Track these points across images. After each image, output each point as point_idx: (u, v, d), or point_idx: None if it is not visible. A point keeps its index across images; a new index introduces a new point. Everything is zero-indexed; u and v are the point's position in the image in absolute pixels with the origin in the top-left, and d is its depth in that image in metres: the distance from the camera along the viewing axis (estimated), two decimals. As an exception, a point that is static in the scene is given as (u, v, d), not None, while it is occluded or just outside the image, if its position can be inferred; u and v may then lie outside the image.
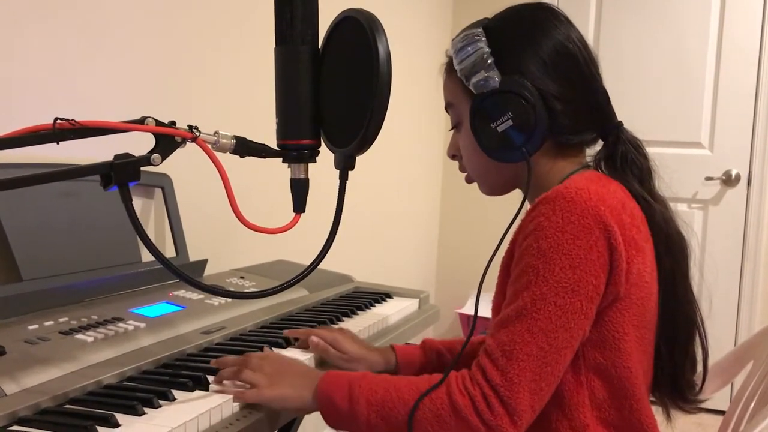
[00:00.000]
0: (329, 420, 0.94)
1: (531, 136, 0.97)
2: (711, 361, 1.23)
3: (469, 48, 0.99)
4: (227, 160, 0.89)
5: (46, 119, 0.79)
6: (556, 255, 0.88)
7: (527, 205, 1.00)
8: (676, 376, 1.04)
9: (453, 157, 1.12)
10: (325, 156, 0.96)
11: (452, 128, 1.10)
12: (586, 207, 0.89)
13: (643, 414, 0.97)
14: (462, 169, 1.11)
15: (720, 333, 2.91)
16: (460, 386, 0.89)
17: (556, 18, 1.02)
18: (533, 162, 0.99)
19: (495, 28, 1.01)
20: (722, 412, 1.10)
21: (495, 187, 1.09)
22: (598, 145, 1.06)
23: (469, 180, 1.11)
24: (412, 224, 3.16)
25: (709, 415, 2.21)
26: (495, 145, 0.99)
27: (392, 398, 0.91)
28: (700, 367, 1.06)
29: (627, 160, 1.02)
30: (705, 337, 1.05)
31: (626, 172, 1.02)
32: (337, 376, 0.96)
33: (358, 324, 1.36)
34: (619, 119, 1.05)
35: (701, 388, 1.06)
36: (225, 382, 0.96)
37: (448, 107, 1.08)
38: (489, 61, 0.97)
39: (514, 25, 1.03)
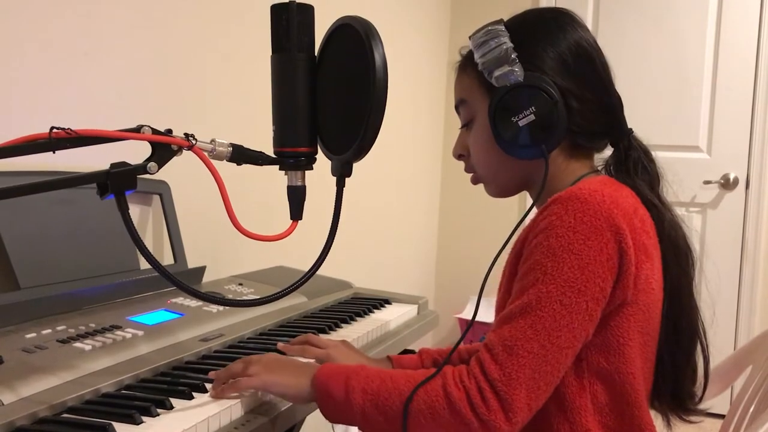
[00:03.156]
0: (325, 410, 0.94)
1: (551, 132, 0.97)
2: (711, 365, 1.23)
3: (492, 42, 0.99)
4: (224, 167, 0.89)
5: (42, 126, 0.79)
6: (566, 254, 0.88)
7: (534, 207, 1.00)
8: (677, 386, 1.04)
9: (459, 157, 1.11)
10: (323, 162, 0.96)
11: (462, 126, 1.09)
12: (599, 209, 0.89)
13: (644, 421, 0.97)
14: (468, 169, 1.10)
15: (719, 337, 2.90)
16: (456, 379, 0.88)
17: (575, 22, 1.03)
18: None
19: (516, 26, 1.02)
20: (722, 416, 1.09)
21: (504, 188, 1.08)
22: (607, 151, 1.07)
23: (475, 181, 1.10)
24: (410, 230, 3.16)
25: (709, 419, 2.21)
26: (514, 139, 0.98)
27: (387, 388, 0.90)
28: (701, 377, 1.06)
29: (638, 167, 1.02)
30: (707, 347, 1.05)
31: (637, 178, 1.02)
32: (335, 367, 0.96)
33: (357, 330, 1.36)
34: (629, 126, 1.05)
35: (701, 397, 1.06)
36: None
37: (460, 105, 1.08)
38: (513, 56, 0.98)
39: (535, 24, 1.03)
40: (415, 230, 3.22)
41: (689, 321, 1.03)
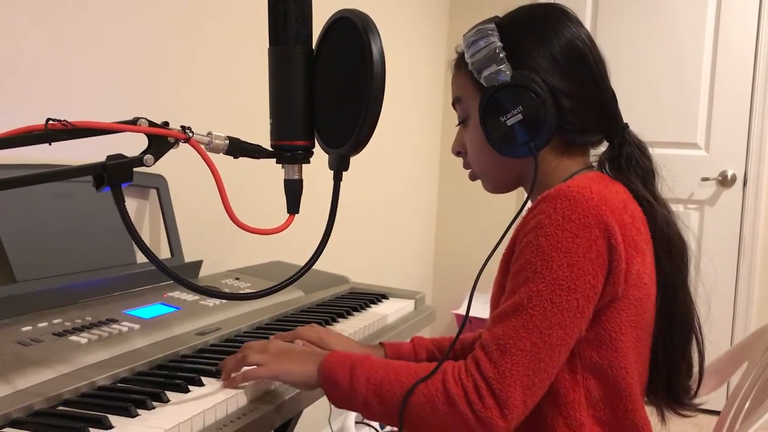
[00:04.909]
0: (330, 396, 0.96)
1: (539, 131, 0.97)
2: (706, 364, 1.23)
3: (481, 42, 1.00)
4: (222, 160, 0.89)
5: (38, 119, 0.79)
6: (555, 253, 0.89)
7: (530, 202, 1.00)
8: (672, 380, 1.04)
9: (458, 153, 1.12)
10: (320, 156, 0.95)
11: (459, 124, 1.10)
12: (587, 206, 0.90)
13: (638, 415, 0.97)
14: (466, 165, 1.11)
15: (716, 333, 2.89)
16: (455, 376, 0.90)
17: (567, 18, 1.03)
18: (539, 159, 1.00)
19: (507, 25, 1.02)
20: (718, 412, 1.10)
21: (500, 185, 1.09)
22: (602, 147, 1.07)
23: (473, 177, 1.11)
24: (408, 225, 3.16)
25: (705, 416, 2.21)
26: (503, 138, 0.99)
27: (390, 380, 0.92)
28: (696, 372, 1.06)
29: (632, 162, 1.02)
30: (702, 341, 1.06)
31: (630, 173, 1.02)
32: (341, 355, 0.98)
33: (354, 325, 1.36)
34: (625, 121, 1.05)
35: (696, 392, 1.06)
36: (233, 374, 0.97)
37: (456, 102, 1.08)
38: (501, 55, 0.98)
39: (526, 22, 1.03)
40: (412, 225, 3.22)
41: (684, 316, 1.03)
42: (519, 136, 0.98)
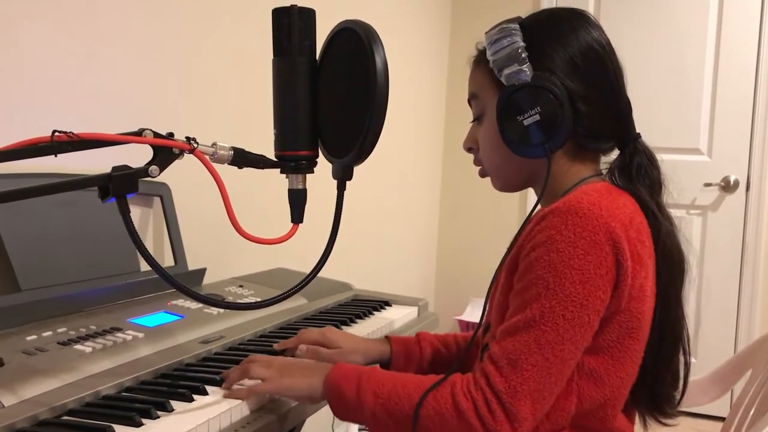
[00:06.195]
0: (336, 410, 0.96)
1: (555, 133, 0.97)
2: (711, 368, 1.23)
3: (504, 41, 1.00)
4: (226, 169, 0.89)
5: (43, 130, 0.79)
6: (567, 270, 0.89)
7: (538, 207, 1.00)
8: (656, 389, 1.04)
9: (469, 150, 1.12)
10: (324, 165, 0.96)
11: (473, 120, 1.10)
12: (597, 223, 0.90)
13: (625, 423, 0.99)
14: (477, 162, 1.11)
15: (719, 340, 2.91)
16: (464, 389, 0.90)
17: (589, 23, 1.03)
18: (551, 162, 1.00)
19: (530, 25, 1.02)
20: (722, 419, 1.10)
21: (510, 184, 1.10)
22: (613, 155, 1.07)
23: (483, 174, 1.11)
24: (411, 231, 3.16)
25: (710, 422, 2.21)
26: (519, 138, 0.99)
27: (398, 393, 0.92)
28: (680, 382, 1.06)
29: (641, 172, 1.03)
30: (688, 354, 1.06)
31: (638, 183, 1.02)
32: (347, 368, 0.97)
33: (358, 331, 1.36)
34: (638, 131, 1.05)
35: (679, 402, 1.07)
36: (234, 386, 0.97)
37: (472, 99, 1.09)
38: (523, 55, 0.98)
39: (549, 24, 1.04)
40: (415, 232, 3.22)
41: (674, 327, 1.03)
42: (534, 137, 0.98)
